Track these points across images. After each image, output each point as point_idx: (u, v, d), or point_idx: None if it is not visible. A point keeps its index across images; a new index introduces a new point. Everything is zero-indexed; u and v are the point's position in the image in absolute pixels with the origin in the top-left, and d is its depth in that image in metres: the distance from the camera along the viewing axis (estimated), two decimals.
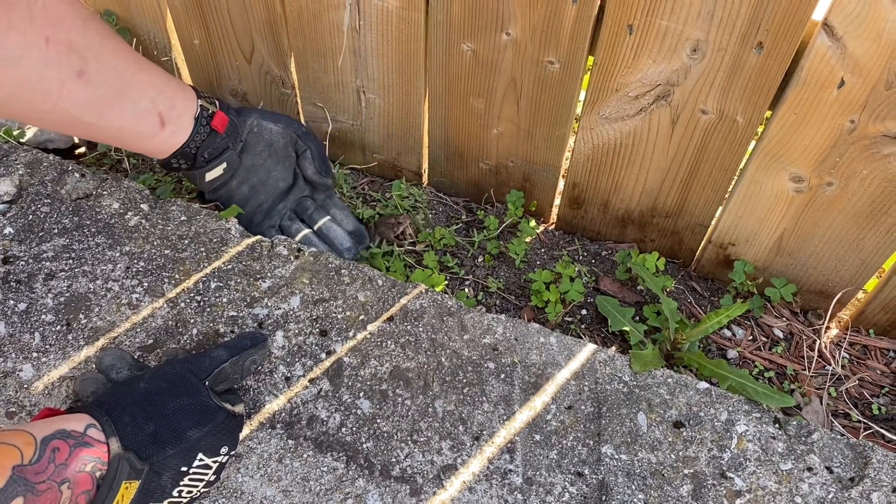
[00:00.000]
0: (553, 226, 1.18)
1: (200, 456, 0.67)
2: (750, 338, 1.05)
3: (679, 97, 0.89)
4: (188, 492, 0.67)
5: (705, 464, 0.79)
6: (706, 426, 0.81)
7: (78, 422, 0.63)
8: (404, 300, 0.90)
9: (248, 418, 0.80)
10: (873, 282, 1.04)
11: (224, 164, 0.93)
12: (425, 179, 1.21)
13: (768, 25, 0.78)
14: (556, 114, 0.98)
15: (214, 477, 0.70)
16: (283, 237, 0.95)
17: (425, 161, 1.17)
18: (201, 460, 0.68)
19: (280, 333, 0.86)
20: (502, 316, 0.90)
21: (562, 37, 0.88)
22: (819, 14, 0.76)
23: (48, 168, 1.00)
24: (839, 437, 0.81)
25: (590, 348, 0.87)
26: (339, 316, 0.88)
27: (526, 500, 0.75)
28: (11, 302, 0.86)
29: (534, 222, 1.15)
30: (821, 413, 0.96)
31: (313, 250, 0.94)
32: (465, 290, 1.08)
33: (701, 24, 0.80)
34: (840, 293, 1.03)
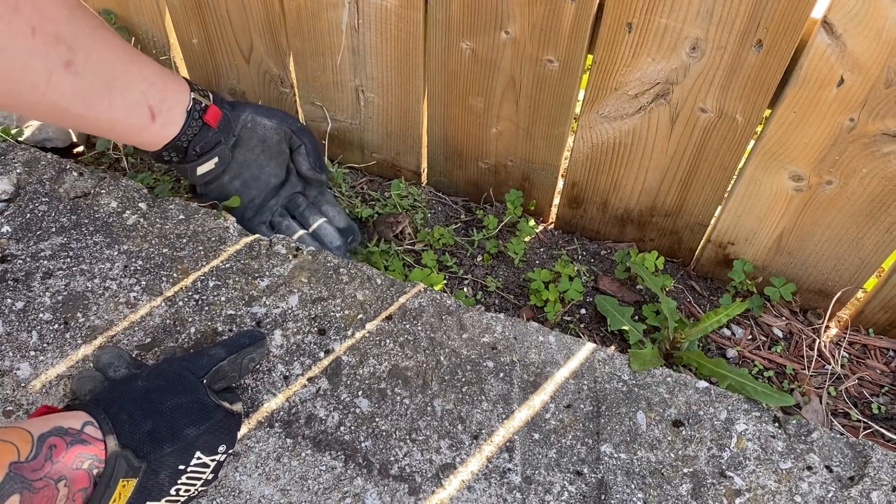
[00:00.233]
0: (552, 225, 1.17)
1: (198, 454, 0.67)
2: (749, 337, 1.05)
3: (678, 96, 0.89)
4: (186, 490, 0.67)
5: (705, 463, 0.79)
6: (705, 425, 0.81)
7: (75, 419, 0.63)
8: (403, 299, 0.90)
9: (247, 417, 0.79)
10: (873, 281, 1.03)
11: (216, 159, 0.92)
12: (424, 179, 1.20)
13: (767, 23, 0.78)
14: (555, 113, 0.98)
15: (212, 475, 0.70)
16: (282, 236, 0.95)
17: (424, 160, 1.17)
18: (199, 459, 0.67)
19: (278, 332, 0.86)
20: (501, 315, 0.89)
21: (561, 35, 0.88)
22: (818, 12, 0.76)
23: (46, 167, 1.00)
24: (839, 437, 0.81)
25: (589, 347, 0.87)
26: (338, 315, 0.88)
27: (525, 499, 0.75)
28: (9, 300, 0.86)
29: (533, 221, 1.15)
30: (820, 412, 0.96)
31: (311, 249, 0.94)
32: (464, 290, 1.07)
33: (700, 22, 0.80)
34: (840, 292, 1.03)
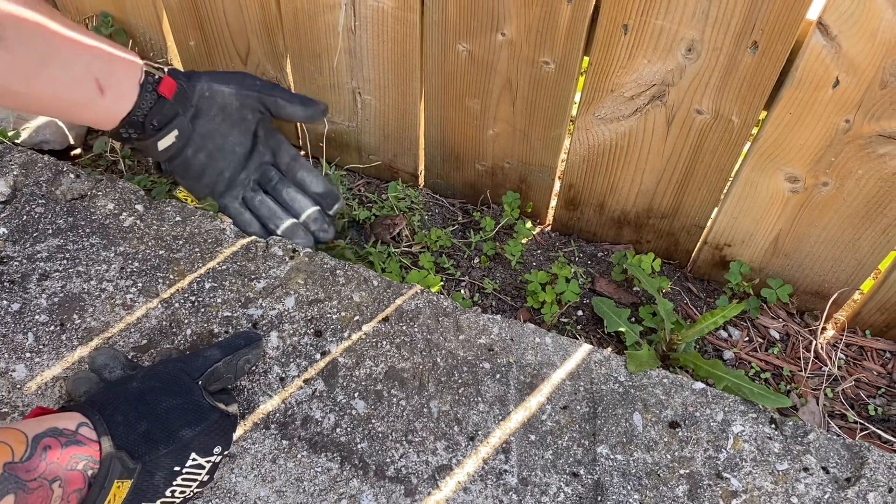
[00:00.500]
0: (549, 227, 1.17)
1: (193, 455, 0.67)
2: (746, 339, 1.05)
3: (674, 97, 0.89)
4: (181, 492, 0.67)
5: (701, 464, 0.79)
6: (702, 426, 0.81)
7: (70, 420, 0.63)
8: (400, 301, 0.90)
9: (243, 418, 0.79)
10: (869, 282, 1.03)
11: (175, 132, 0.87)
12: (421, 181, 1.21)
13: (763, 25, 0.78)
14: (552, 114, 0.98)
15: (208, 477, 0.69)
16: (279, 237, 0.95)
17: (421, 162, 1.17)
18: (194, 460, 0.67)
19: (275, 334, 0.86)
20: (498, 316, 0.89)
21: (557, 37, 0.88)
22: (813, 13, 0.76)
23: (43, 169, 1.00)
24: (835, 438, 0.81)
25: (585, 348, 0.87)
26: (334, 316, 0.88)
27: (521, 501, 0.75)
28: (5, 302, 0.86)
29: (530, 223, 1.15)
30: (817, 414, 0.96)
31: (308, 251, 0.94)
32: (461, 291, 1.07)
33: (696, 24, 0.80)
34: (836, 294, 1.03)
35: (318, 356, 0.84)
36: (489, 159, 1.10)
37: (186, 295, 0.88)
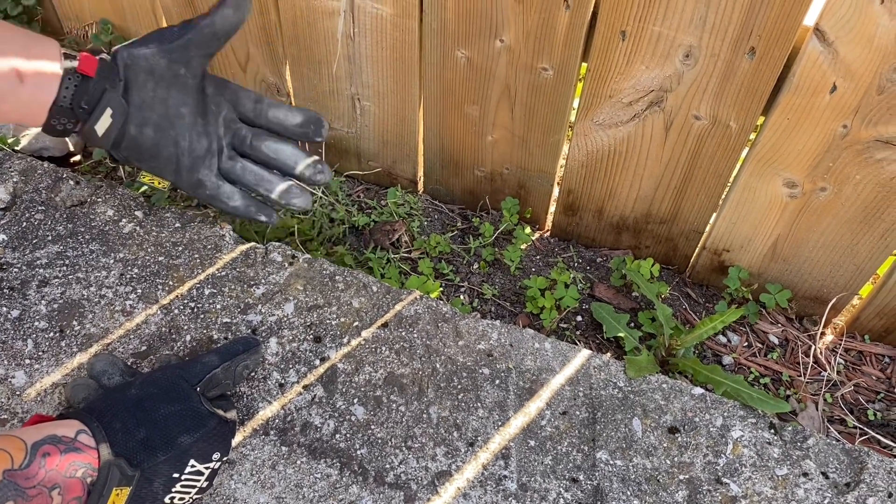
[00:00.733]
0: (548, 233, 1.18)
1: (192, 462, 0.67)
2: (745, 344, 1.05)
3: (672, 103, 0.89)
4: (180, 498, 0.67)
5: (700, 469, 0.79)
6: (701, 432, 0.81)
7: (68, 428, 0.63)
8: (399, 306, 0.90)
9: (242, 425, 0.79)
10: (868, 287, 1.04)
11: (109, 110, 0.79)
12: (421, 187, 1.21)
13: (760, 31, 0.78)
14: (551, 120, 0.98)
15: (207, 483, 0.69)
16: (278, 243, 0.95)
17: (420, 169, 1.17)
18: (193, 466, 0.67)
19: (274, 340, 0.86)
20: (497, 322, 0.89)
21: (555, 43, 0.89)
22: (810, 19, 0.76)
23: (42, 175, 1.00)
24: (835, 443, 0.81)
25: (584, 354, 0.87)
26: (334, 322, 0.88)
27: None
28: (4, 309, 0.86)
29: (529, 229, 1.15)
30: (816, 419, 0.96)
31: (307, 257, 0.94)
32: (461, 297, 1.07)
33: (693, 30, 0.81)
34: (835, 299, 1.03)
35: (318, 362, 0.84)
36: (488, 165, 1.10)
37: (186, 301, 0.88)
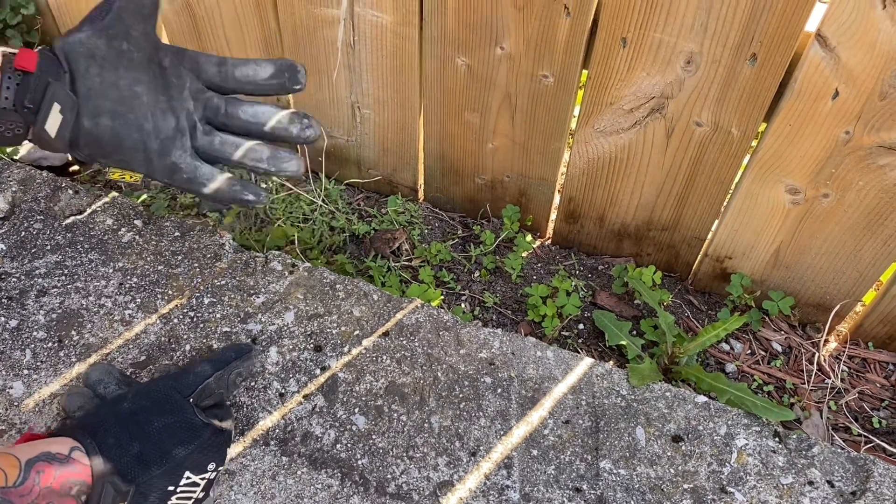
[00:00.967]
0: (549, 240, 1.17)
1: (187, 474, 0.66)
2: (748, 351, 1.04)
3: (673, 110, 0.89)
4: None
5: (705, 478, 0.78)
6: (705, 440, 0.80)
7: (62, 445, 0.62)
8: (400, 315, 0.89)
9: (242, 435, 0.79)
10: (871, 294, 1.03)
11: (56, 105, 0.72)
12: (421, 195, 1.20)
13: (761, 37, 0.78)
14: (551, 128, 0.98)
15: (203, 494, 0.69)
16: (278, 252, 0.95)
17: (421, 177, 1.17)
18: (188, 478, 0.66)
19: (274, 349, 0.85)
20: (499, 330, 0.89)
21: (556, 50, 0.88)
22: (812, 25, 0.76)
23: (41, 185, 1.00)
24: (840, 451, 0.80)
25: (587, 362, 0.86)
26: (334, 331, 0.87)
27: None
28: (2, 319, 0.85)
29: (530, 237, 1.15)
30: (821, 426, 0.95)
31: (307, 265, 0.93)
32: (462, 305, 1.07)
33: (695, 37, 0.81)
34: (838, 306, 1.03)
35: (318, 371, 0.84)
36: (489, 173, 1.10)
37: (185, 310, 0.88)
